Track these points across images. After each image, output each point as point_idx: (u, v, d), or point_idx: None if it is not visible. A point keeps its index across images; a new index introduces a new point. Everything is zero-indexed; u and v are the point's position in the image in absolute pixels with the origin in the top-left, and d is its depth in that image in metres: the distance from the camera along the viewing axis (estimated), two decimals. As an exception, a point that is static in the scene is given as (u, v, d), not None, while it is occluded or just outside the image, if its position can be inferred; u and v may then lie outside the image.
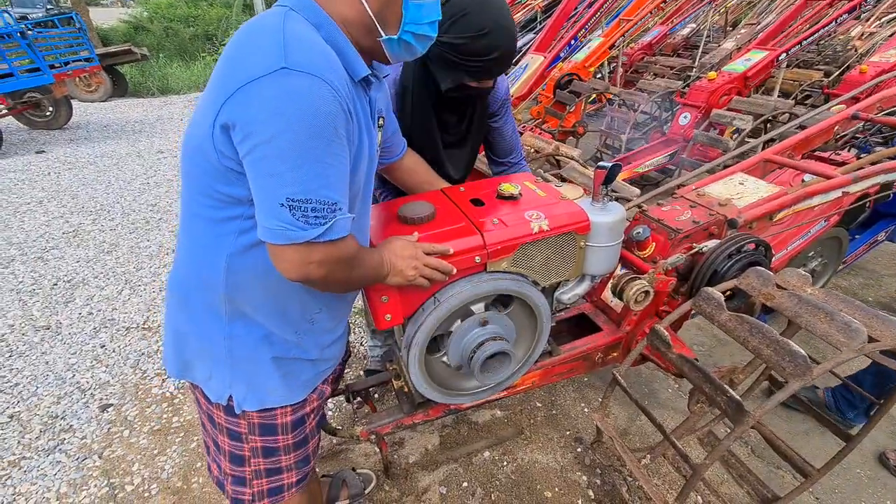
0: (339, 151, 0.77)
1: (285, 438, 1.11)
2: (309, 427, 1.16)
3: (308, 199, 0.74)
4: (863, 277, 2.93)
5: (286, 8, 0.81)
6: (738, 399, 1.09)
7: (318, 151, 0.73)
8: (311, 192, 0.74)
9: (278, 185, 0.73)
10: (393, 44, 0.89)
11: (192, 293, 0.98)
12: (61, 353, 2.40)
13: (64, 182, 4.68)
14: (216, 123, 0.76)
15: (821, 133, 2.10)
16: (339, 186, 0.79)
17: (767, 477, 1.77)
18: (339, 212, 0.79)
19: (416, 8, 0.85)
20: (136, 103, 8.60)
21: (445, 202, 1.34)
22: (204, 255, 0.93)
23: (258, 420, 1.07)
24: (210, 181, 0.84)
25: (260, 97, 0.71)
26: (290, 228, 0.75)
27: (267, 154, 0.72)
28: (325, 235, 0.78)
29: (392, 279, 1.03)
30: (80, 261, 3.25)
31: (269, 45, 0.73)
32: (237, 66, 0.75)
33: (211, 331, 0.99)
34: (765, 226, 1.72)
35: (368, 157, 0.94)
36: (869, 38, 6.24)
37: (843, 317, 1.14)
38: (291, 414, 1.09)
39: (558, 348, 1.66)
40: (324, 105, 0.72)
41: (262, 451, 1.11)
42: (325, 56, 0.77)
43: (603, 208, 1.34)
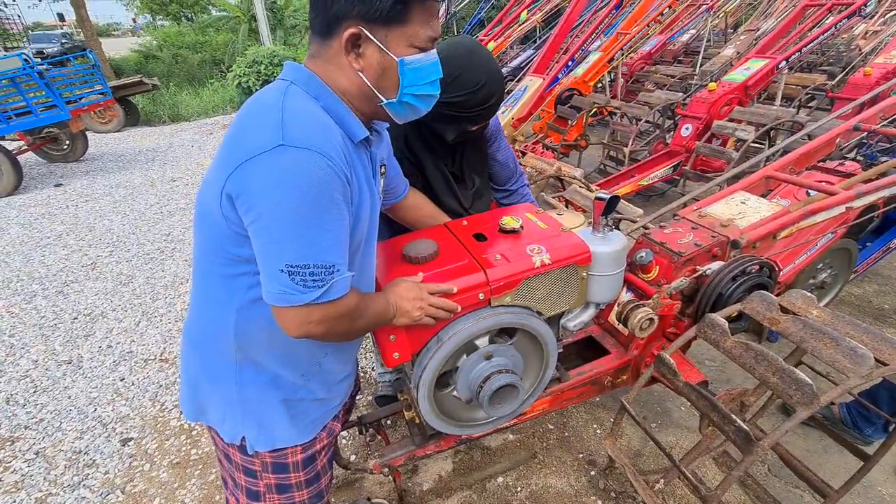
0: (337, 217, 0.82)
1: (297, 476, 1.15)
2: (320, 464, 1.19)
3: (306, 265, 0.79)
4: (877, 284, 2.89)
5: (287, 82, 0.86)
6: (745, 429, 1.10)
7: (315, 219, 0.78)
8: (310, 258, 0.79)
9: (279, 252, 0.78)
10: (395, 106, 0.92)
11: (205, 342, 1.04)
12: (83, 386, 2.46)
13: (82, 215, 4.82)
14: (223, 194, 0.81)
15: (823, 146, 2.10)
16: (337, 249, 0.83)
17: (786, 497, 1.75)
18: (338, 273, 0.83)
19: (413, 72, 0.87)
20: (148, 132, 8.83)
21: (449, 238, 1.37)
22: (215, 308, 0.98)
23: (270, 459, 1.11)
24: (220, 242, 0.90)
25: (260, 172, 0.76)
26: (290, 292, 0.80)
27: (268, 224, 0.77)
28: (323, 297, 0.82)
29: (399, 320, 1.07)
30: (98, 294, 3.34)
31: (268, 123, 0.78)
32: (239, 141, 0.81)
33: (222, 376, 1.03)
34: (769, 245, 1.72)
35: (370, 210, 0.98)
36: (873, 37, 6.20)
37: (849, 342, 1.14)
38: (301, 452, 1.13)
39: (567, 374, 1.67)
40: (320, 176, 0.77)
41: (276, 488, 1.15)
42: (322, 128, 0.82)
43: (603, 238, 1.36)
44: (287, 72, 0.90)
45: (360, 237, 0.96)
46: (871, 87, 3.65)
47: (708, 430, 1.57)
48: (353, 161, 0.88)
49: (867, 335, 1.22)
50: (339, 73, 0.87)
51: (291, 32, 17.32)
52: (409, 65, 0.87)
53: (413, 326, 1.17)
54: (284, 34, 16.80)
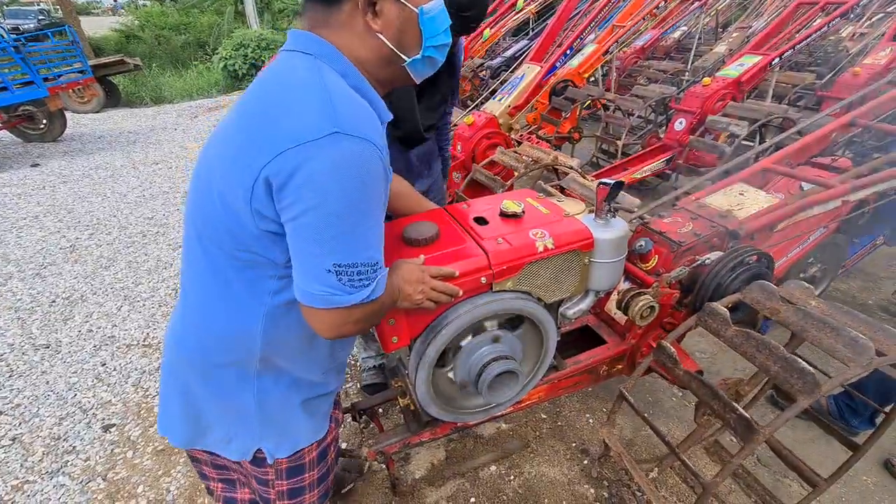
0: (383, 210, 0.78)
1: (311, 475, 1.13)
2: (330, 458, 1.19)
3: (355, 264, 0.74)
4: (861, 280, 2.95)
5: (311, 57, 0.79)
6: (747, 417, 1.10)
7: (366, 216, 0.74)
8: (359, 256, 0.74)
9: (326, 251, 0.72)
10: (417, 64, 0.87)
11: (213, 355, 0.93)
12: (62, 371, 2.38)
13: (59, 196, 4.65)
14: (257, 183, 0.72)
15: (819, 140, 2.12)
16: (380, 244, 0.78)
17: (774, 486, 1.78)
18: (380, 270, 0.79)
19: (431, 21, 0.82)
20: (129, 113, 8.56)
21: (449, 221, 1.34)
22: (234, 314, 0.89)
23: (287, 464, 1.07)
24: (242, 244, 0.80)
25: (312, 162, 0.68)
26: (336, 293, 0.75)
27: (316, 220, 0.70)
28: (370, 297, 0.77)
29: (401, 304, 1.03)
30: (77, 277, 3.23)
31: (314, 105, 0.71)
32: (277, 124, 0.72)
33: (237, 390, 0.96)
34: (766, 236, 1.73)
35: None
36: (860, 39, 6.30)
37: (850, 332, 1.14)
38: (317, 448, 1.11)
39: (564, 362, 1.66)
40: (374, 170, 0.72)
41: (287, 494, 1.12)
42: (368, 115, 0.76)
43: (606, 224, 1.34)
44: (302, 43, 0.80)
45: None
46: (859, 87, 3.71)
47: (703, 420, 1.57)
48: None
49: (865, 325, 1.22)
50: (356, 42, 0.81)
51: (279, 16, 16.96)
52: (428, 13, 0.82)
53: (413, 310, 1.14)
54: (272, 18, 16.44)
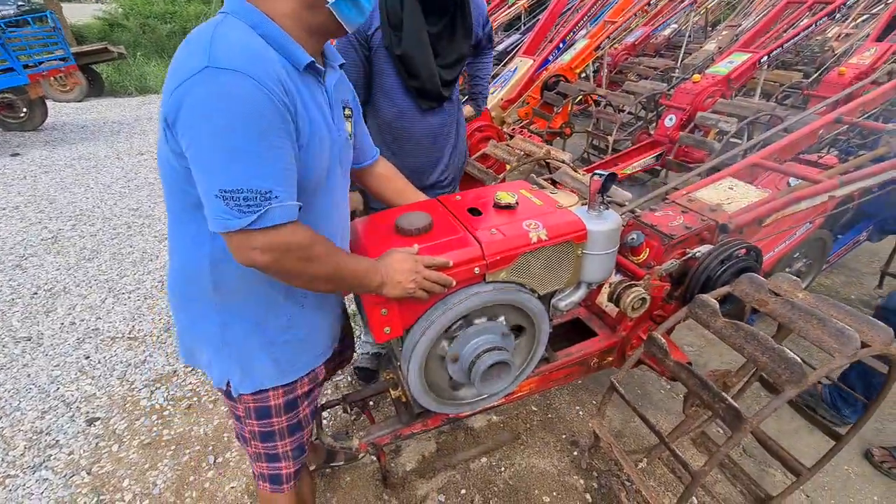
0: (275, 141, 0.79)
1: (279, 421, 1.15)
2: (302, 412, 1.19)
3: (240, 189, 0.77)
4: (844, 276, 3.01)
5: (224, 14, 0.84)
6: (736, 406, 1.11)
7: (246, 143, 0.76)
8: (242, 183, 0.77)
9: (212, 178, 0.77)
10: (342, 6, 0.89)
11: (184, 287, 1.02)
12: (44, 364, 2.33)
13: (41, 186, 4.54)
14: (163, 126, 0.81)
15: (806, 137, 2.15)
16: (274, 176, 0.80)
17: (759, 476, 1.81)
18: (275, 200, 0.80)
19: None
20: (113, 103, 8.38)
21: (442, 211, 1.33)
22: (188, 253, 0.98)
23: (253, 404, 1.11)
24: (179, 184, 0.88)
25: (189, 97, 0.75)
26: (226, 217, 0.79)
27: (200, 149, 0.77)
28: (258, 223, 0.79)
29: (391, 291, 1.04)
30: (60, 268, 3.16)
31: (198, 49, 0.77)
32: (172, 72, 0.80)
33: (205, 320, 1.03)
34: (754, 230, 1.75)
35: (332, 147, 0.96)
36: (846, 39, 6.41)
37: (836, 323, 1.16)
38: (283, 396, 1.12)
39: (555, 354, 1.66)
40: (248, 99, 0.75)
41: (259, 435, 1.16)
42: (252, 52, 0.79)
43: (599, 216, 1.34)
44: (226, 5, 0.87)
45: (318, 174, 0.94)
46: (844, 86, 3.78)
47: (691, 411, 1.59)
48: (298, 91, 0.85)
49: (850, 317, 1.24)
50: None
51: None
52: None
53: (405, 300, 1.13)
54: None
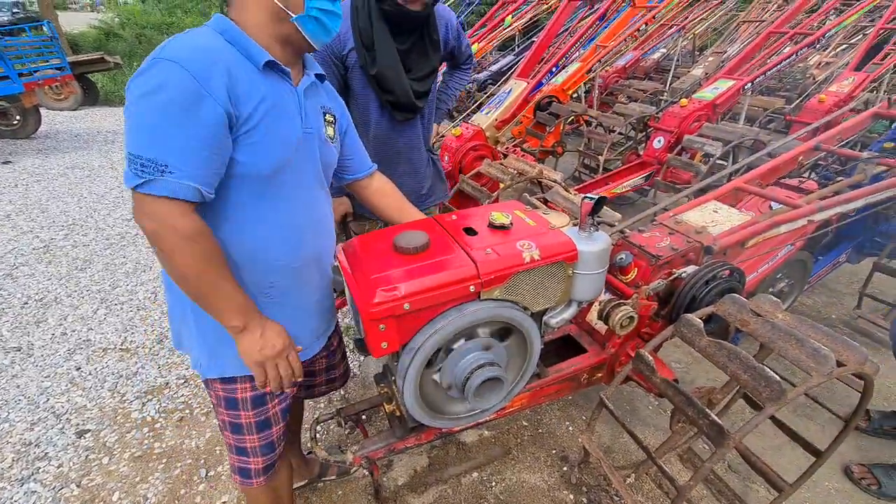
0: (185, 123, 0.86)
1: (247, 415, 1.18)
2: (272, 410, 1.22)
3: (140, 156, 0.85)
4: (825, 296, 3.10)
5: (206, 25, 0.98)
6: (719, 423, 1.16)
7: (156, 118, 0.85)
8: (143, 151, 0.85)
9: (127, 141, 0.88)
10: (306, 22, 0.99)
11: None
12: (34, 375, 2.31)
13: (33, 195, 4.52)
14: None
15: (787, 163, 2.24)
16: (175, 152, 0.86)
17: (743, 491, 1.85)
18: (170, 174, 0.86)
19: None
20: (108, 112, 8.39)
21: (438, 230, 1.37)
22: None
23: (223, 393, 1.16)
24: None
25: (132, 80, 0.88)
26: (128, 176, 0.88)
27: (126, 118, 0.88)
28: (144, 187, 0.86)
29: (247, 348, 1.04)
30: (51, 278, 3.14)
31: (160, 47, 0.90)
32: None
33: (182, 303, 1.08)
34: (737, 252, 1.82)
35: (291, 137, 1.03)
36: (826, 67, 6.66)
37: (813, 343, 1.22)
38: (251, 390, 1.16)
39: (546, 370, 1.70)
40: (169, 83, 0.85)
41: (230, 426, 1.20)
42: (197, 48, 0.89)
43: (589, 237, 1.39)
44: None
45: (271, 162, 1.00)
46: (824, 113, 3.93)
47: (678, 427, 1.64)
48: (253, 84, 0.95)
49: (827, 338, 1.31)
50: (248, 8, 0.97)
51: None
52: None
53: (403, 316, 1.18)
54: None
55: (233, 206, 1.01)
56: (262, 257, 1.07)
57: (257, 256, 1.06)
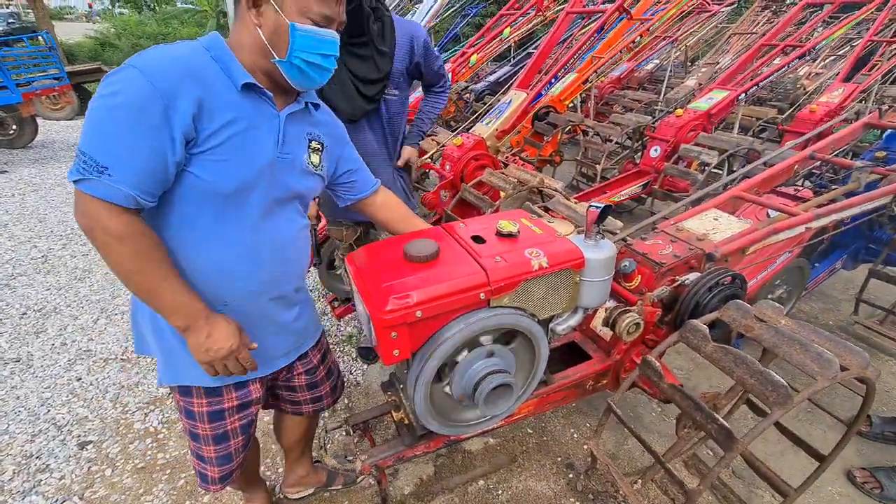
0: (136, 131, 0.87)
1: (203, 427, 1.21)
2: (230, 425, 1.23)
3: (85, 153, 0.87)
4: (822, 302, 3.14)
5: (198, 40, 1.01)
6: (728, 427, 1.18)
7: (108, 122, 0.87)
8: (88, 149, 0.87)
9: (81, 135, 0.89)
10: (286, 66, 1.01)
11: None
12: (33, 386, 2.29)
13: (30, 204, 4.50)
14: None
15: (783, 172, 2.28)
16: (117, 158, 0.87)
17: (748, 497, 1.86)
18: (108, 176, 0.87)
19: (303, 39, 0.97)
20: (104, 122, 8.36)
21: (448, 239, 1.39)
22: None
23: (182, 402, 1.19)
24: None
25: (104, 79, 0.90)
26: (71, 169, 0.89)
27: (86, 114, 0.91)
28: (80, 184, 0.88)
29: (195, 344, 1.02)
30: (50, 288, 3.12)
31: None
32: None
33: (143, 307, 1.07)
34: (738, 259, 1.85)
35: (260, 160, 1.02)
36: (816, 78, 6.80)
37: (817, 348, 1.24)
38: (207, 406, 1.18)
39: (552, 377, 1.72)
40: (128, 90, 0.87)
41: (189, 434, 1.23)
42: (172, 60, 0.91)
43: (595, 245, 1.41)
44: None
45: (232, 184, 0.99)
46: (816, 123, 4.01)
47: (683, 432, 1.65)
48: (226, 103, 0.96)
49: (829, 342, 1.33)
50: (243, 29, 1.00)
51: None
52: (300, 31, 0.97)
53: (415, 324, 1.19)
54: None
55: (191, 220, 1.00)
56: (216, 276, 1.05)
57: (212, 274, 1.05)
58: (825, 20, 5.66)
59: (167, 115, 0.88)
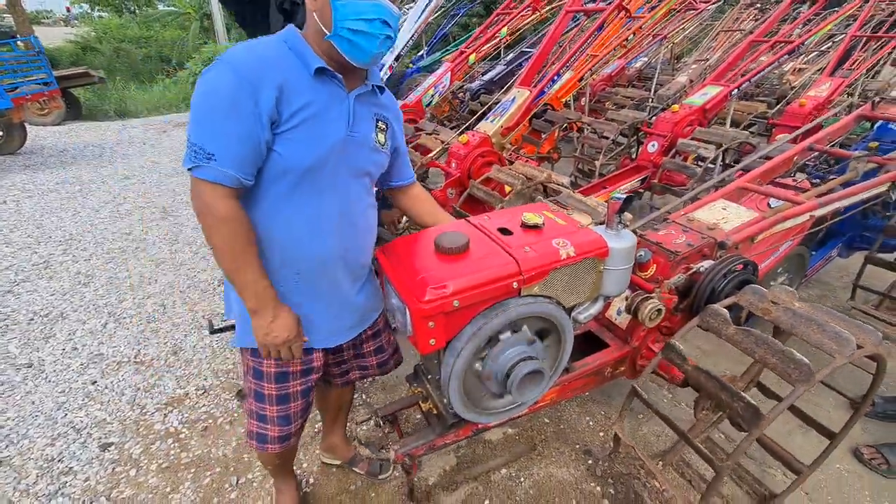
0: (236, 119, 0.99)
1: (269, 387, 1.29)
2: (293, 387, 1.32)
3: (194, 143, 1.00)
4: (819, 289, 3.24)
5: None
6: (754, 404, 1.23)
7: (208, 113, 0.99)
8: (196, 139, 1.00)
9: (188, 129, 1.02)
10: (337, 41, 1.06)
11: None
12: (48, 391, 2.28)
13: (25, 210, 4.44)
14: None
15: (783, 163, 2.36)
16: (219, 143, 0.99)
17: (761, 476, 1.92)
18: (214, 161, 0.99)
19: (344, 7, 1.03)
20: (92, 126, 8.25)
21: (476, 231, 1.43)
22: None
23: (251, 363, 1.28)
24: None
25: (200, 77, 1.02)
26: (185, 157, 1.02)
27: (190, 109, 1.02)
28: (194, 171, 1.01)
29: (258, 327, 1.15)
30: (55, 294, 3.09)
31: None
32: None
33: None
34: (747, 247, 1.92)
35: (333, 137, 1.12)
36: (801, 73, 6.97)
37: (834, 327, 1.31)
38: (275, 367, 1.27)
39: (573, 365, 1.76)
40: (222, 83, 0.98)
41: (254, 394, 1.31)
42: (255, 55, 1.02)
43: (617, 235, 1.46)
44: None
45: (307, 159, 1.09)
46: (805, 116, 4.12)
47: (702, 414, 1.71)
48: (302, 86, 1.06)
49: (844, 322, 1.39)
50: (309, 18, 1.09)
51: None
52: (339, 1, 1.03)
53: (451, 313, 1.22)
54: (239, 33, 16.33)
55: (273, 195, 1.11)
56: (291, 246, 1.16)
57: (287, 245, 1.16)
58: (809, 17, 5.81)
59: (255, 101, 0.99)
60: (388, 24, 1.08)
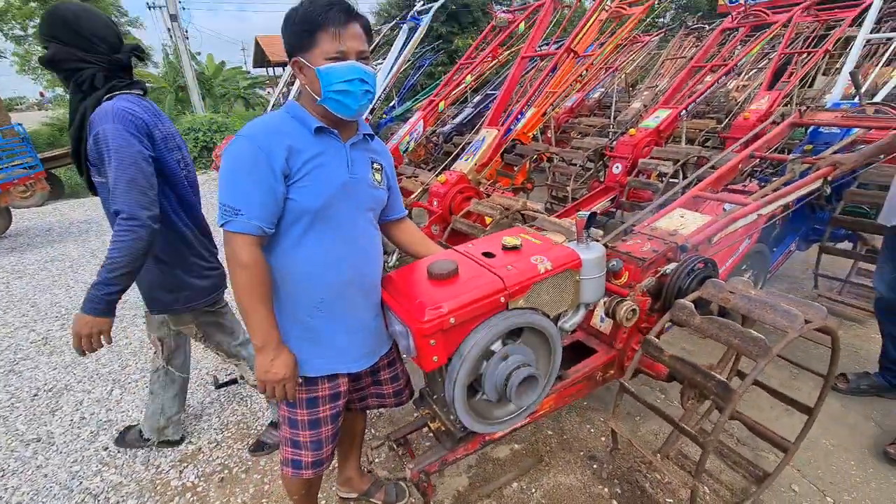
0: (251, 180, 1.19)
1: (302, 413, 1.42)
2: (322, 412, 1.44)
3: (224, 204, 1.21)
4: (787, 283, 3.47)
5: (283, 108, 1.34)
6: (724, 381, 1.39)
7: (233, 178, 1.20)
8: (225, 200, 1.21)
9: (219, 192, 1.23)
10: (326, 102, 1.26)
11: None
12: (60, 462, 2.30)
13: (17, 291, 4.48)
14: None
15: (729, 171, 2.63)
16: (243, 201, 1.19)
17: (755, 460, 2.05)
18: (241, 215, 1.19)
19: (326, 75, 1.22)
20: (76, 204, 8.36)
21: (462, 257, 1.60)
22: None
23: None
24: None
25: (224, 150, 1.25)
26: (218, 216, 1.23)
27: (219, 177, 1.25)
28: (226, 226, 1.21)
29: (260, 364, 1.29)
30: (56, 368, 3.13)
31: None
32: None
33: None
34: (706, 247, 2.12)
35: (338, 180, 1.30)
36: (743, 90, 7.56)
37: (783, 306, 1.49)
38: (305, 393, 1.40)
39: (566, 372, 1.90)
40: (240, 153, 1.20)
41: (288, 421, 1.43)
42: (264, 126, 1.24)
43: (587, 248, 1.65)
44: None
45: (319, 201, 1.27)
46: (749, 127, 4.51)
47: (689, 404, 1.85)
48: (307, 144, 1.26)
49: (793, 303, 1.58)
50: (303, 90, 1.30)
51: (221, 101, 17.41)
52: (322, 70, 1.22)
53: (449, 330, 1.37)
54: (214, 102, 16.86)
55: (293, 235, 1.29)
56: (312, 277, 1.33)
57: (309, 276, 1.32)
58: (742, 40, 6.39)
59: (270, 162, 1.20)
60: (365, 82, 1.29)
